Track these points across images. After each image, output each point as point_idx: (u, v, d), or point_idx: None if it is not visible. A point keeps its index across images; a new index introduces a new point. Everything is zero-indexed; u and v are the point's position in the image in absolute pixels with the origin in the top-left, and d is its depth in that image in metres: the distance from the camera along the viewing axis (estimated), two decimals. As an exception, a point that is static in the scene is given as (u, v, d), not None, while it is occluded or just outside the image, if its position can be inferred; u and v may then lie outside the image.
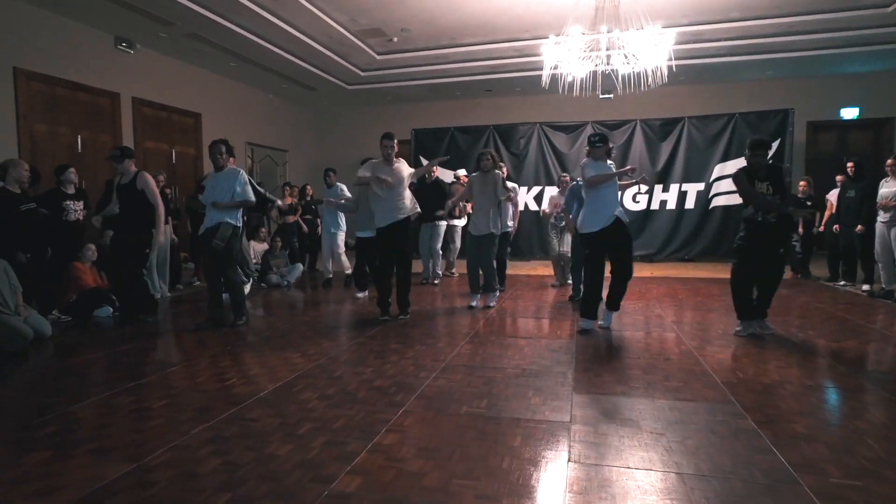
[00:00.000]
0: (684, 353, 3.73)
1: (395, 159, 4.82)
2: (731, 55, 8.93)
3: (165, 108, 8.43)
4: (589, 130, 9.51)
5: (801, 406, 2.73)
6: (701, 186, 8.97)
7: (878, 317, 4.88)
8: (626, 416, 2.59)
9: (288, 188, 7.73)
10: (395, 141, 4.82)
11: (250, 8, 6.90)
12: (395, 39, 8.69)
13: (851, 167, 6.03)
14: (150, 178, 4.73)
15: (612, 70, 6.48)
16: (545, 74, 6.46)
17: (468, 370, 3.35)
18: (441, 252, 7.27)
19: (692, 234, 8.98)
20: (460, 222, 7.54)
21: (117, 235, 4.77)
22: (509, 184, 5.95)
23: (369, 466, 2.10)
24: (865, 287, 5.97)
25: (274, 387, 3.07)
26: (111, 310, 4.90)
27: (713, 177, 8.96)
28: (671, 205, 8.96)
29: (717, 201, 8.94)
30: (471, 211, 5.58)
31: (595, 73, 6.56)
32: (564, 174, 6.91)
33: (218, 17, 7.05)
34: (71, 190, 5.26)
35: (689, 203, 9.00)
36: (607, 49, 6.28)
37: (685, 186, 8.95)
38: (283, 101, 11.58)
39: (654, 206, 9.04)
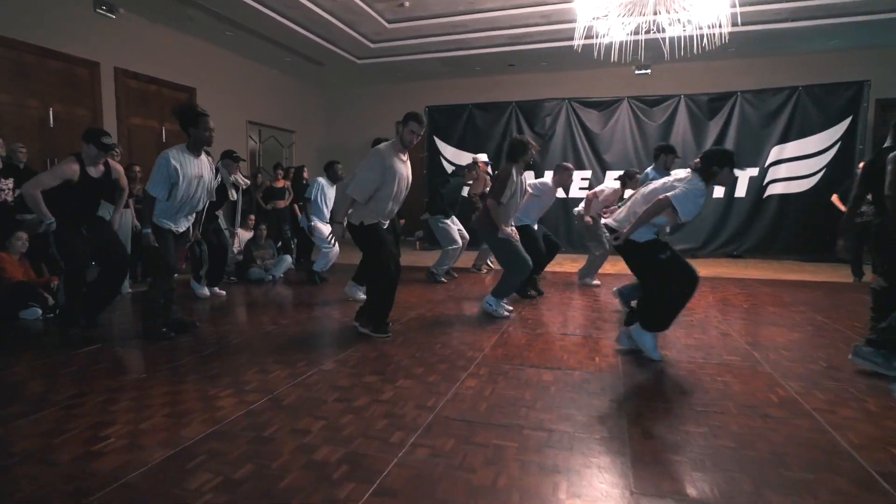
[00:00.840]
0: (788, 405, 2.56)
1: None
2: (791, 20, 7.74)
3: (154, 80, 7.64)
4: (625, 107, 8.44)
5: None
6: (755, 172, 7.83)
7: None
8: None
9: (280, 170, 6.86)
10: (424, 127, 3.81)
11: (240, -37, 6.03)
12: (407, 3, 7.73)
13: None
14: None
15: (660, 31, 5.44)
16: (578, 32, 5.45)
17: (466, 429, 2.28)
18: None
19: (743, 226, 7.88)
20: None
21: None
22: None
23: None
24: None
25: (162, 457, 2.04)
26: (40, 311, 4.13)
27: (769, 161, 7.82)
28: (718, 192, 7.85)
29: (773, 189, 7.82)
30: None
31: (637, 36, 5.54)
32: (636, 171, 5.55)
33: (204, -26, 6.20)
34: (-1, 164, 4.49)
35: (740, 191, 7.90)
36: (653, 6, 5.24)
37: (736, 172, 7.83)
38: (288, 77, 10.73)
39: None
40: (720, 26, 4.93)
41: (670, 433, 2.28)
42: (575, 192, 8.43)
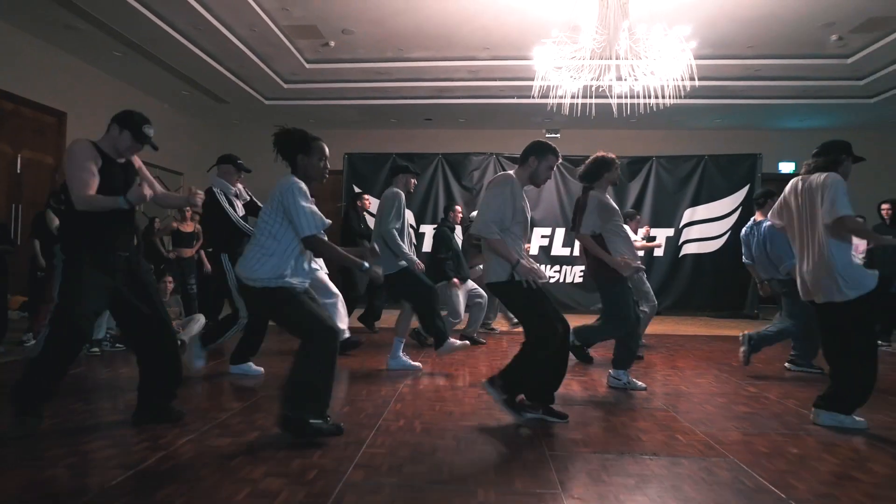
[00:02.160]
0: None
1: None
2: (692, 98, 8.50)
3: (11, 97, 6.20)
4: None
5: None
6: (671, 232, 8.25)
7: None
8: None
9: (188, 209, 5.73)
10: None
11: (148, -32, 5.14)
12: (333, 44, 7.23)
13: (888, 209, 5.42)
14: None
15: (608, 89, 5.50)
16: (536, 85, 5.31)
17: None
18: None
19: (662, 284, 8.14)
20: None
21: None
22: None
23: None
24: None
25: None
26: None
27: (683, 222, 8.28)
28: (639, 251, 8.08)
29: (688, 248, 8.26)
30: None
31: (574, 100, 5.54)
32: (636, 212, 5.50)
33: (100, -25, 5.19)
34: None
35: (658, 251, 8.21)
36: (605, 66, 5.29)
37: (654, 231, 8.19)
38: (179, 112, 9.53)
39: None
40: (662, 94, 5.07)
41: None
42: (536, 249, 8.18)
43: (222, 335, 3.78)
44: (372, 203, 7.29)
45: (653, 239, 7.57)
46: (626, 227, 5.80)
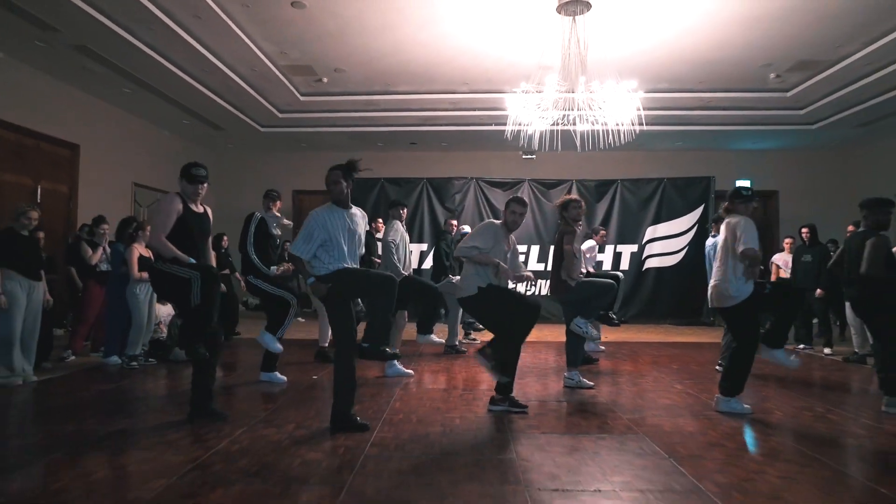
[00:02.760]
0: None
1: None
2: (652, 125, 9.36)
3: (33, 134, 6.77)
4: (526, 188, 9.31)
5: None
6: (635, 248, 9.07)
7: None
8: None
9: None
10: None
11: (165, 24, 5.78)
12: (326, 80, 7.93)
13: (806, 232, 6.25)
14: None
15: (572, 126, 6.25)
16: (508, 129, 6.06)
17: None
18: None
19: (628, 296, 8.94)
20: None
21: None
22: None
23: None
24: (827, 350, 6.08)
25: None
26: None
27: (645, 238, 9.10)
28: (607, 265, 8.89)
29: (650, 263, 9.06)
30: None
31: (555, 131, 6.30)
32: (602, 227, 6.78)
33: (121, 28, 5.82)
34: None
35: (624, 264, 9.01)
36: (567, 107, 6.06)
37: (620, 248, 8.99)
38: (177, 138, 10.12)
39: (590, 267, 8.92)
40: (622, 124, 5.84)
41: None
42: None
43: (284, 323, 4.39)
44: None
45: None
46: (592, 241, 6.67)
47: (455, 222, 7.36)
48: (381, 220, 7.69)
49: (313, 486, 2.48)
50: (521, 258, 6.01)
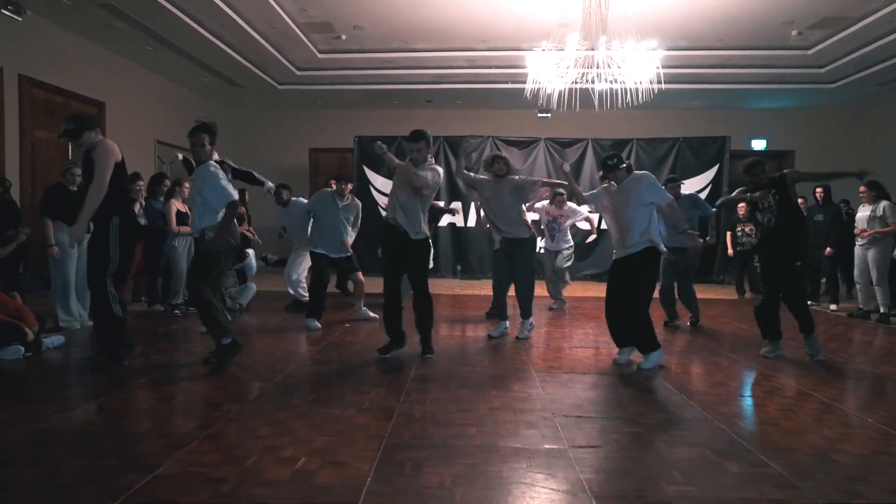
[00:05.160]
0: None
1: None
2: (670, 83, 9.31)
3: (62, 91, 6.93)
4: (542, 147, 9.38)
5: None
6: (648, 207, 9.17)
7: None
8: None
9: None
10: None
11: (189, -20, 5.85)
12: (344, 37, 7.96)
13: (821, 192, 6.36)
14: (110, 146, 3.42)
15: (590, 86, 6.31)
16: (528, 88, 6.14)
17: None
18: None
19: (640, 253, 9.11)
20: None
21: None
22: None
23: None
24: (833, 307, 6.31)
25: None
26: (22, 350, 3.60)
27: (659, 198, 9.21)
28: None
29: (663, 222, 9.21)
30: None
31: (573, 89, 6.35)
32: (562, 191, 6.18)
33: (146, -15, 5.89)
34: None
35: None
36: (587, 66, 6.10)
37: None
38: (196, 95, 10.22)
39: (605, 225, 9.08)
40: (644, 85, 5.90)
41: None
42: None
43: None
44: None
45: None
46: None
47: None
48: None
49: (367, 410, 2.81)
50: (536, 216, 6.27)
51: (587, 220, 7.03)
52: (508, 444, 2.39)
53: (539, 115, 10.61)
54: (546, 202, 6.34)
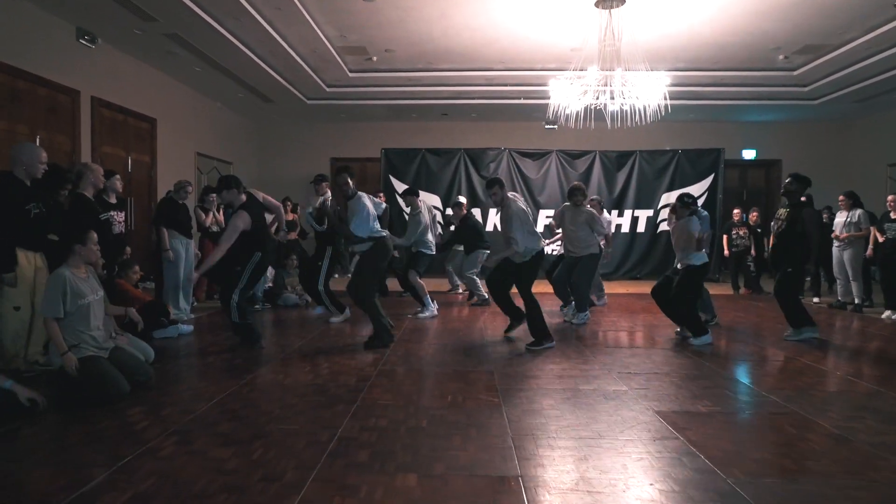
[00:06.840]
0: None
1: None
2: (670, 99, 10.17)
3: (123, 110, 7.62)
4: (554, 157, 10.20)
5: None
6: (650, 213, 10.03)
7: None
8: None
9: (290, 203, 7.32)
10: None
11: (250, 14, 6.57)
12: (375, 59, 8.72)
13: (892, 201, 7.14)
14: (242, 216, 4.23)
15: (603, 106, 7.11)
16: (551, 109, 6.93)
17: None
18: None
19: (643, 255, 9.96)
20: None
21: None
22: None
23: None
24: (816, 299, 7.20)
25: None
26: (179, 328, 4.34)
27: (660, 204, 10.07)
28: (625, 228, 9.90)
29: (664, 227, 10.04)
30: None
31: (588, 108, 7.14)
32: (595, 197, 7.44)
33: (212, 19, 6.61)
34: (113, 199, 4.63)
35: (641, 227, 10.00)
36: (602, 86, 6.90)
37: (637, 212, 9.95)
38: (228, 110, 10.92)
39: (611, 230, 9.92)
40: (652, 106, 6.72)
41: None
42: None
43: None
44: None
45: None
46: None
47: (464, 200, 8.45)
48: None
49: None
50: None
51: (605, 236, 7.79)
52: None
53: (546, 126, 11.42)
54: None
